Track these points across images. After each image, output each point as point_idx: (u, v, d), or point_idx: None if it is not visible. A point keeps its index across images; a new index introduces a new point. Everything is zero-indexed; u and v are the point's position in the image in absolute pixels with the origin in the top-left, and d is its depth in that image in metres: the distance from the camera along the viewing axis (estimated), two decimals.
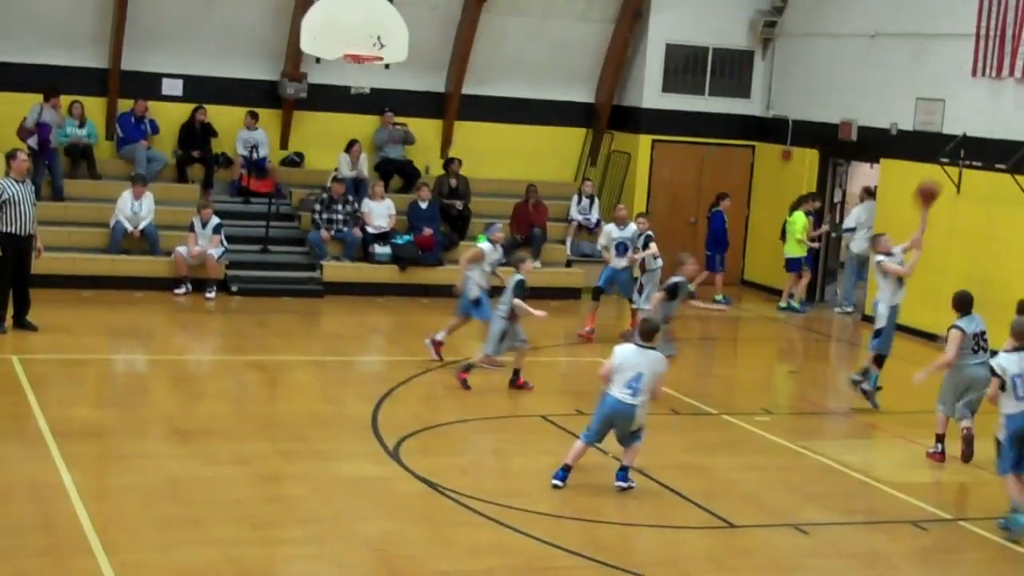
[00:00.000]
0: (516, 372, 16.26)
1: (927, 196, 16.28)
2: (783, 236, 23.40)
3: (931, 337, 20.09)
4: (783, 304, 23.51)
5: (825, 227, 23.92)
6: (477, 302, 17.03)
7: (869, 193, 23.25)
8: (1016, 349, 12.06)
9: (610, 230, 20.41)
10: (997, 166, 19.92)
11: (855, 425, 15.93)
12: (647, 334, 12.46)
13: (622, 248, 20.22)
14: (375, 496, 12.04)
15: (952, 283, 20.34)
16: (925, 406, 15.13)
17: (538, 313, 15.71)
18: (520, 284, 16.01)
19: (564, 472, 12.45)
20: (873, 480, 13.45)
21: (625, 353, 12.36)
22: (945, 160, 20.74)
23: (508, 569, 10.47)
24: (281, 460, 12.89)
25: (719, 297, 23.02)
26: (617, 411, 12.23)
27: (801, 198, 23.56)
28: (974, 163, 20.45)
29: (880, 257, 16.37)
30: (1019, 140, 19.63)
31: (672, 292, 16.91)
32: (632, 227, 20.28)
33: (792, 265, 23.32)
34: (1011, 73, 19.98)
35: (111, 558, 9.83)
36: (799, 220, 23.06)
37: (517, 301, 15.81)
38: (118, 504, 11.29)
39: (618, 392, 12.19)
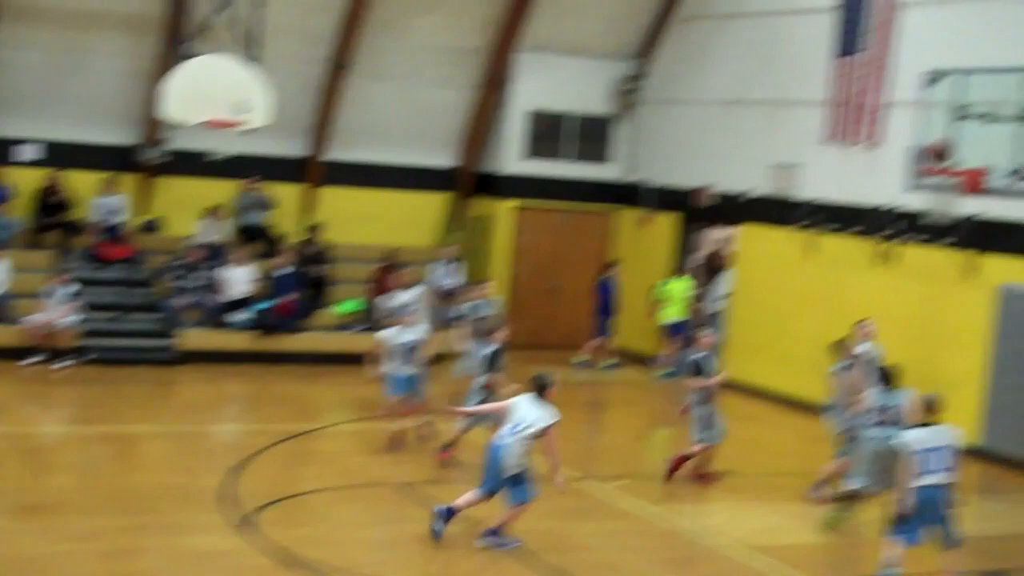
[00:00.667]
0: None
1: None
2: (659, 302, 23.44)
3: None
4: (667, 371, 23.22)
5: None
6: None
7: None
8: (924, 424, 12.13)
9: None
10: (848, 230, 20.34)
11: (715, 489, 16.00)
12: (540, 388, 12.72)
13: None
14: (228, 570, 11.79)
15: (804, 345, 20.73)
16: (781, 469, 15.27)
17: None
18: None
19: (448, 512, 12.56)
20: (730, 543, 13.49)
21: (517, 400, 12.80)
22: (799, 224, 21.13)
23: None
24: (131, 534, 12.57)
25: (591, 363, 23.24)
26: (491, 451, 12.52)
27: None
28: (826, 227, 20.86)
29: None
30: (869, 205, 20.07)
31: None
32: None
33: (676, 329, 23.31)
34: (861, 139, 20.46)
35: None
36: (683, 285, 23.19)
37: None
38: None
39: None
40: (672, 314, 23.26)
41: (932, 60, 19.41)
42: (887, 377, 14.17)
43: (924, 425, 11.99)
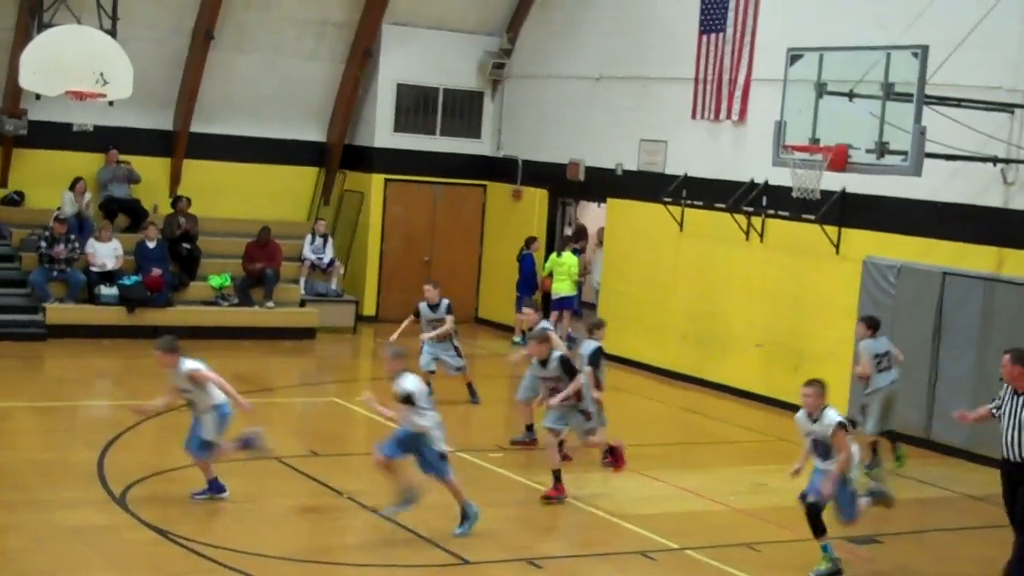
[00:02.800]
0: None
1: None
2: (550, 275, 23.54)
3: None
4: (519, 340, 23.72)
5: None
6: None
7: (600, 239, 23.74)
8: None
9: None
10: (717, 205, 20.69)
11: (590, 460, 16.18)
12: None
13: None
14: (101, 546, 11.64)
15: (679, 318, 21.06)
16: (654, 439, 15.48)
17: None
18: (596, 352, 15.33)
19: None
20: (605, 513, 13.69)
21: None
22: (668, 200, 21.43)
23: None
24: (1, 510, 12.34)
25: (516, 339, 23.31)
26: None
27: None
28: (695, 202, 21.19)
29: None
30: (737, 180, 20.43)
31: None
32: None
33: (565, 303, 23.36)
34: (728, 116, 20.80)
35: None
36: (571, 259, 23.30)
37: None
38: None
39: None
40: (562, 288, 23.35)
41: (793, 38, 19.76)
42: (874, 324, 15.77)
43: None
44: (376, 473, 12.69)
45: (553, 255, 23.76)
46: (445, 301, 18.31)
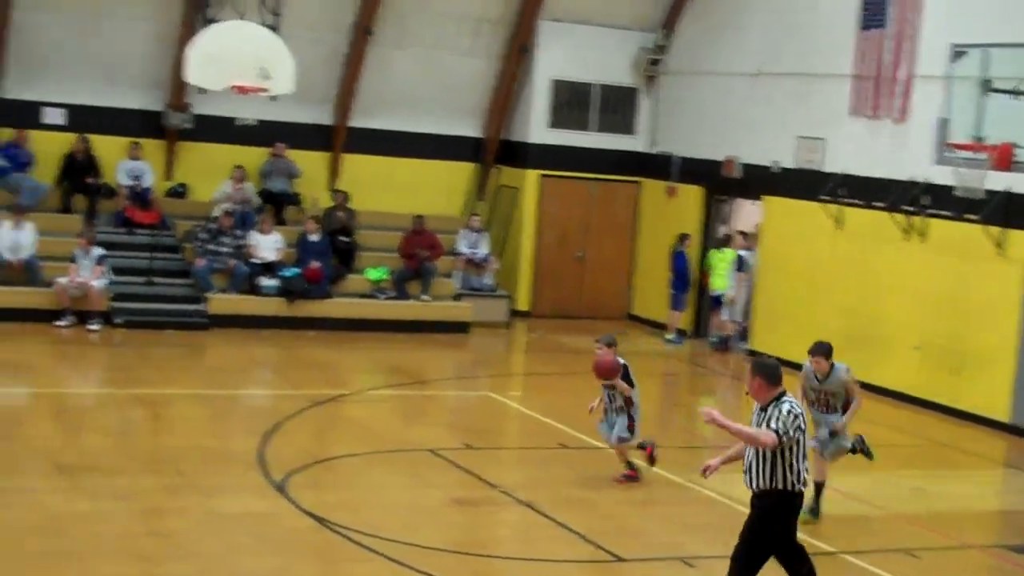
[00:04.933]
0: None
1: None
2: (708, 271, 23.57)
3: None
4: (714, 339, 23.70)
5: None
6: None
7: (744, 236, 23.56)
8: None
9: None
10: (875, 204, 20.35)
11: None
12: None
13: None
14: (261, 532, 11.88)
15: (834, 318, 20.77)
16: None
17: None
18: None
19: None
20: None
21: None
22: (825, 198, 21.15)
23: None
24: (164, 495, 12.69)
25: (670, 336, 23.32)
26: None
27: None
28: (853, 201, 20.87)
29: None
30: (896, 179, 20.07)
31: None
32: None
33: (720, 300, 23.40)
34: (888, 113, 20.44)
35: None
36: (732, 255, 23.26)
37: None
38: None
39: None
40: (719, 285, 23.34)
41: (957, 34, 19.38)
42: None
43: None
44: (529, 467, 12.75)
45: (713, 250, 23.70)
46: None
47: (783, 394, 9.54)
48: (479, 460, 14.79)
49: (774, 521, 9.56)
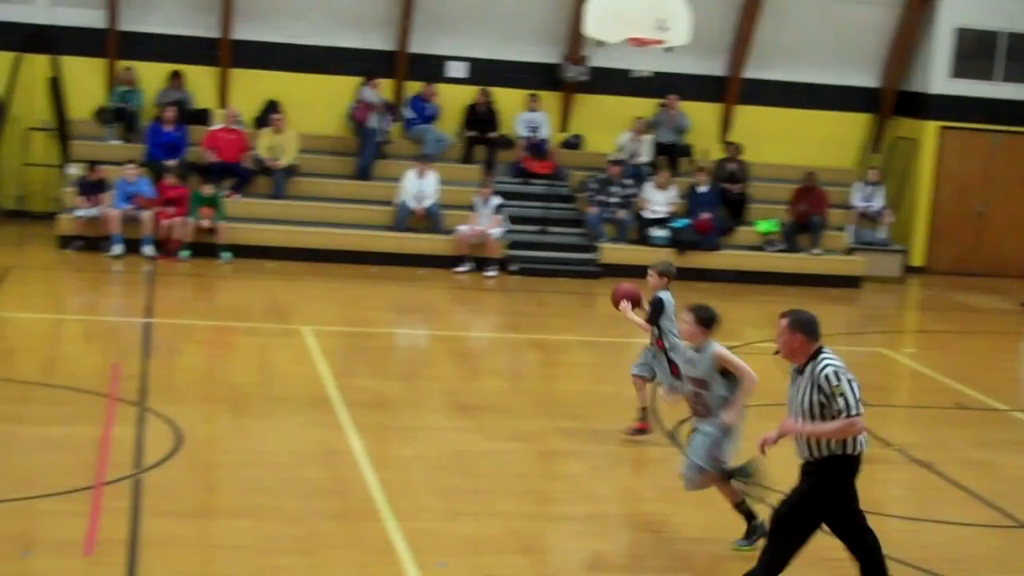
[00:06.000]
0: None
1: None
2: None
3: None
4: None
5: None
6: None
7: None
8: None
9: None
10: None
11: None
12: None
13: None
14: (656, 478, 12.04)
15: None
16: None
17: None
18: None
19: None
20: None
21: None
22: None
23: (798, 559, 10.27)
24: (561, 438, 13.00)
25: None
26: None
27: None
28: None
29: None
30: None
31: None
32: None
33: None
34: None
35: (400, 524, 10.10)
36: None
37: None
38: (405, 473, 11.58)
39: None
40: None
41: None
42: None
43: None
44: (923, 427, 12.37)
45: None
46: None
47: (821, 350, 8.65)
48: (872, 417, 14.39)
49: (830, 489, 8.70)
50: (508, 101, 23.54)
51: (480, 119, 23.31)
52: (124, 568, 8.90)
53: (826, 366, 8.56)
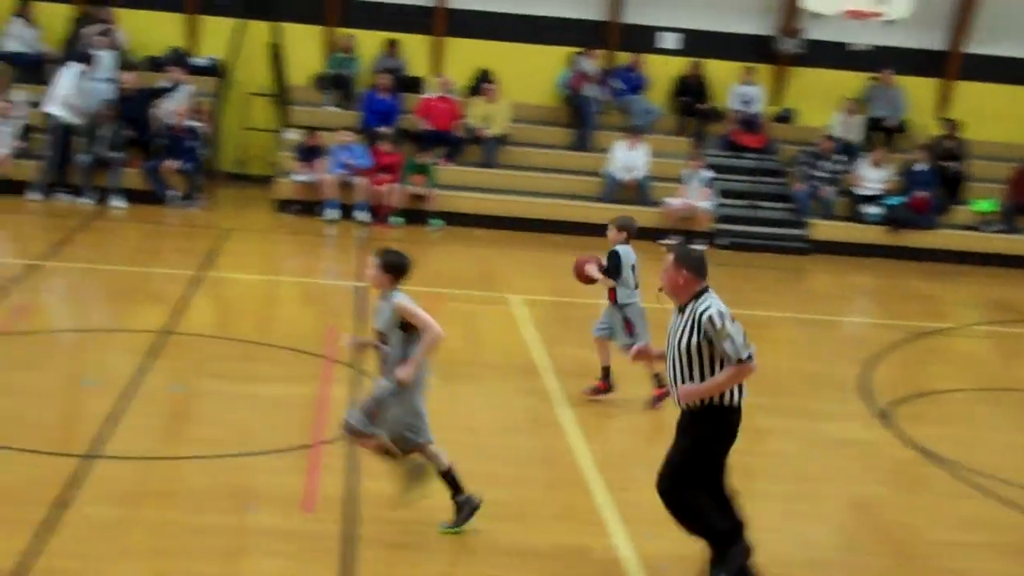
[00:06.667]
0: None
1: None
2: None
3: None
4: None
5: None
6: None
7: None
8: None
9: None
10: None
11: None
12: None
13: None
14: (865, 459, 11.85)
15: None
16: None
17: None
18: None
19: None
20: None
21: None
22: None
23: (1004, 546, 10.05)
24: (768, 415, 12.82)
25: None
26: None
27: None
28: None
29: None
30: None
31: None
32: None
33: None
34: None
35: (611, 495, 10.14)
36: None
37: None
38: (613, 444, 11.63)
39: None
40: None
41: None
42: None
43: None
44: None
45: None
46: None
47: (706, 291, 8.22)
48: None
49: (714, 440, 8.37)
50: (720, 73, 23.32)
51: (691, 91, 23.14)
52: (341, 525, 9.14)
53: (708, 307, 8.21)
